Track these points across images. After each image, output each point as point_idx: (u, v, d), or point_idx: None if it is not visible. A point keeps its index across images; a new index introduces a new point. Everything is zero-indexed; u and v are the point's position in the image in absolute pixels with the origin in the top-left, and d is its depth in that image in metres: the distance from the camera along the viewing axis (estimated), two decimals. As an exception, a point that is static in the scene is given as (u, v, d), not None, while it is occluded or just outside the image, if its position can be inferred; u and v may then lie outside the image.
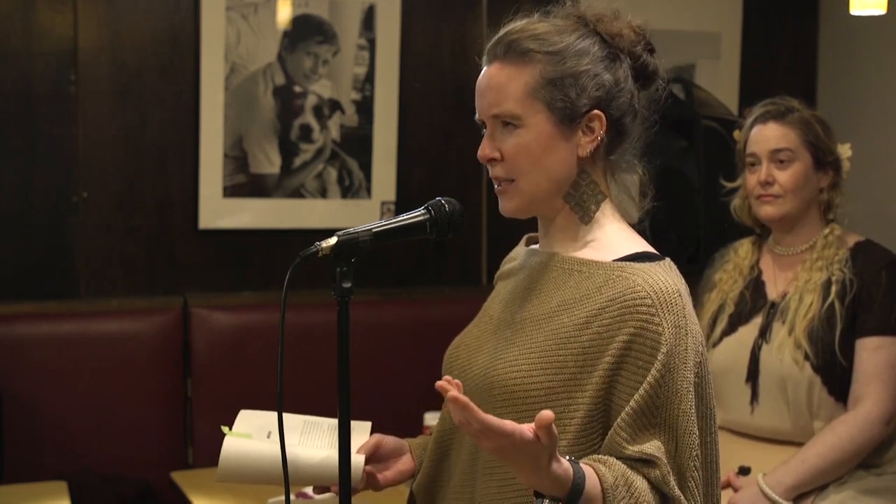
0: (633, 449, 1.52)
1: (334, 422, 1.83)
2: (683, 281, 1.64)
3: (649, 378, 1.53)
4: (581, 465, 1.48)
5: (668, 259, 1.66)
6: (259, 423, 1.83)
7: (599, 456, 1.54)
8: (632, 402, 1.54)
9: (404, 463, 1.83)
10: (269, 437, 1.80)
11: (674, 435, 1.53)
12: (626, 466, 1.52)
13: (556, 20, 1.67)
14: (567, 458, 1.46)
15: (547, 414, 1.36)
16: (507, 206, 1.68)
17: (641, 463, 1.53)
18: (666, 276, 1.59)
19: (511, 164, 1.65)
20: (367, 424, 1.85)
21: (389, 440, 1.83)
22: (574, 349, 1.58)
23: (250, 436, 1.78)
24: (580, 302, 1.61)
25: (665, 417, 1.53)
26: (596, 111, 1.63)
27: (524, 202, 1.66)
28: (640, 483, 1.52)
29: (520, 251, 1.84)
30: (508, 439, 1.37)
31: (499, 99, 1.64)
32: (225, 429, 1.78)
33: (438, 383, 1.41)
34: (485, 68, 1.68)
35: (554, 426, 1.37)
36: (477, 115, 1.69)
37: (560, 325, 1.61)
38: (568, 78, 1.62)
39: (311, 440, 1.80)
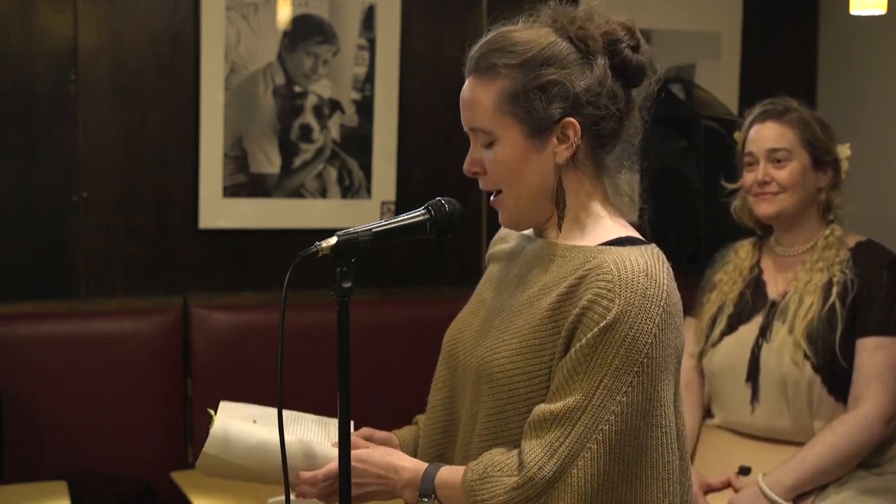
0: (537, 406, 1.58)
1: (318, 418, 1.85)
2: (666, 267, 1.63)
3: (581, 342, 1.55)
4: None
5: (653, 245, 1.67)
6: (242, 413, 1.84)
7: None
8: (560, 365, 1.57)
9: None
10: (255, 423, 1.81)
11: (585, 404, 1.54)
12: (507, 450, 1.61)
13: (530, 27, 1.68)
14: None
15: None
16: (502, 220, 1.73)
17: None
18: (639, 258, 1.60)
19: (492, 178, 1.69)
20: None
21: (378, 435, 1.86)
22: (549, 331, 1.61)
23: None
24: (557, 285, 1.63)
25: (584, 385, 1.55)
26: (568, 119, 1.63)
27: (515, 215, 1.71)
28: (501, 457, 1.59)
29: (510, 232, 1.85)
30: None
31: (473, 114, 1.67)
32: (212, 412, 1.79)
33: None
34: (466, 81, 1.70)
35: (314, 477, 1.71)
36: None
37: (538, 309, 1.63)
38: (533, 90, 1.63)
39: (298, 432, 1.81)
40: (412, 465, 1.70)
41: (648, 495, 1.57)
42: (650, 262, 1.60)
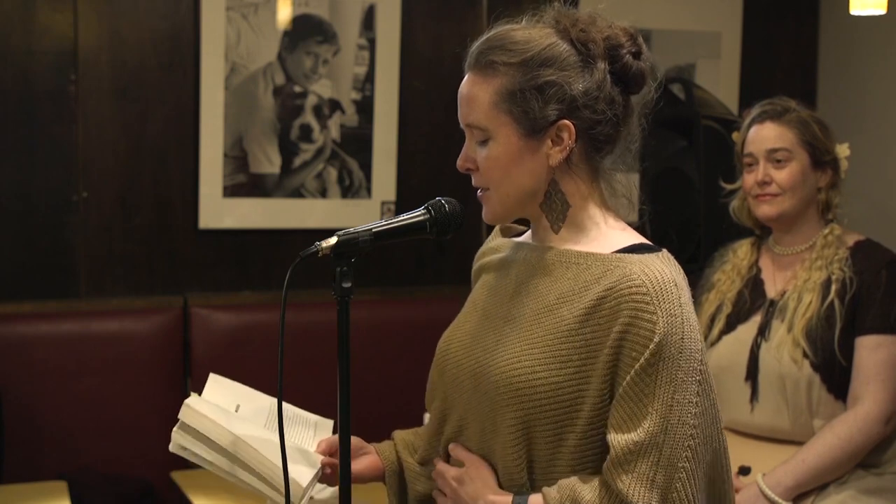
0: (613, 438, 1.55)
1: (299, 412, 1.85)
2: (682, 272, 1.64)
3: (637, 366, 1.54)
4: (530, 495, 1.62)
5: (665, 250, 1.67)
6: (229, 392, 1.84)
7: (563, 480, 1.59)
8: (620, 390, 1.55)
9: (367, 461, 1.85)
10: (237, 410, 1.80)
11: (664, 425, 1.53)
12: (581, 482, 1.57)
13: (532, 27, 1.67)
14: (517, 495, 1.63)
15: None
16: (485, 214, 1.72)
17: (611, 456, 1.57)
18: (663, 266, 1.59)
19: (484, 175, 1.68)
20: (330, 422, 1.87)
21: (354, 441, 1.82)
22: (577, 342, 1.59)
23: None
24: (579, 294, 1.61)
25: (657, 406, 1.53)
26: (564, 121, 1.63)
27: (499, 211, 1.70)
28: (588, 495, 1.55)
29: (502, 243, 1.84)
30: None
31: (470, 110, 1.67)
32: (194, 395, 1.79)
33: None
34: (465, 76, 1.70)
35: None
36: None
37: (560, 318, 1.61)
38: (530, 90, 1.62)
39: (275, 427, 1.80)
40: (501, 500, 1.66)
41: (726, 498, 1.65)
42: (672, 271, 1.60)
